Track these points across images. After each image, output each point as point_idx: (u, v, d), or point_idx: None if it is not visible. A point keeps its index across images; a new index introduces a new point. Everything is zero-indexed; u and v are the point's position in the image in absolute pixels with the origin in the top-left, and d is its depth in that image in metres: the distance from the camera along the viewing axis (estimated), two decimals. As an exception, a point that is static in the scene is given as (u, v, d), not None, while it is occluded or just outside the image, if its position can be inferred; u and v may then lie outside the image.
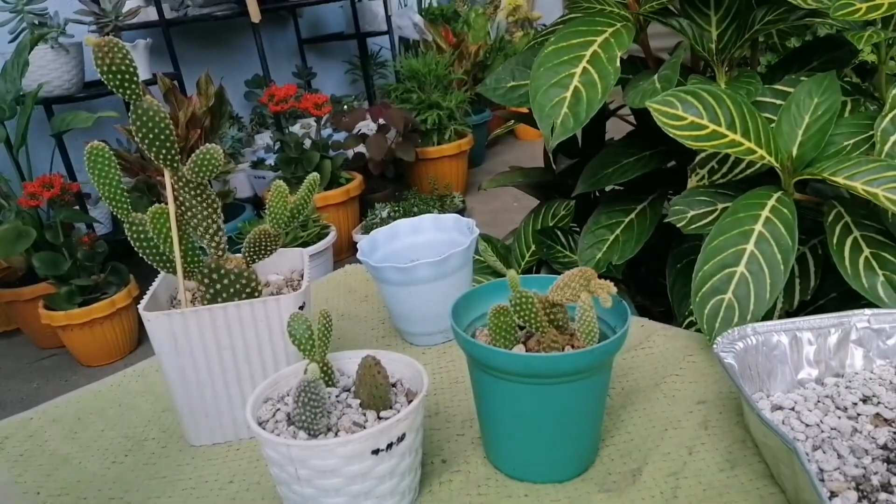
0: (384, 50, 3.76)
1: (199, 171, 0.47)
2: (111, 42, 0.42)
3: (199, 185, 0.47)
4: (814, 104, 0.76)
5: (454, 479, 0.57)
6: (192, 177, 0.47)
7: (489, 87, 1.00)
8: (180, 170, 0.47)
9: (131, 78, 0.43)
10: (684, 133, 0.73)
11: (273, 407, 0.53)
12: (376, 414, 0.51)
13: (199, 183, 0.47)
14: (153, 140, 0.45)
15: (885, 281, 0.67)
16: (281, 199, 0.53)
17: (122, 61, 0.42)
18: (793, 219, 0.70)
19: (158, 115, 0.45)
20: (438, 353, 0.77)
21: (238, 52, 3.28)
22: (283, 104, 2.42)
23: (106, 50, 0.42)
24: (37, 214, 1.96)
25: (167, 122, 0.45)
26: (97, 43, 0.42)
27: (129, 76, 0.43)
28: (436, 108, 3.16)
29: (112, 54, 0.42)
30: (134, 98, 0.44)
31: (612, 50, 0.81)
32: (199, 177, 0.47)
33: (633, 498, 0.52)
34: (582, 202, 1.10)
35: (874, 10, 0.70)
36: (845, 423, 0.53)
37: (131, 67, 0.43)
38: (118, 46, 0.42)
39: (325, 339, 0.54)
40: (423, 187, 3.17)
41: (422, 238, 0.84)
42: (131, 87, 0.43)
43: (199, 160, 0.47)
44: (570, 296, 0.53)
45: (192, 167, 0.47)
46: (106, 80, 0.43)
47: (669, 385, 0.66)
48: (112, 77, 0.42)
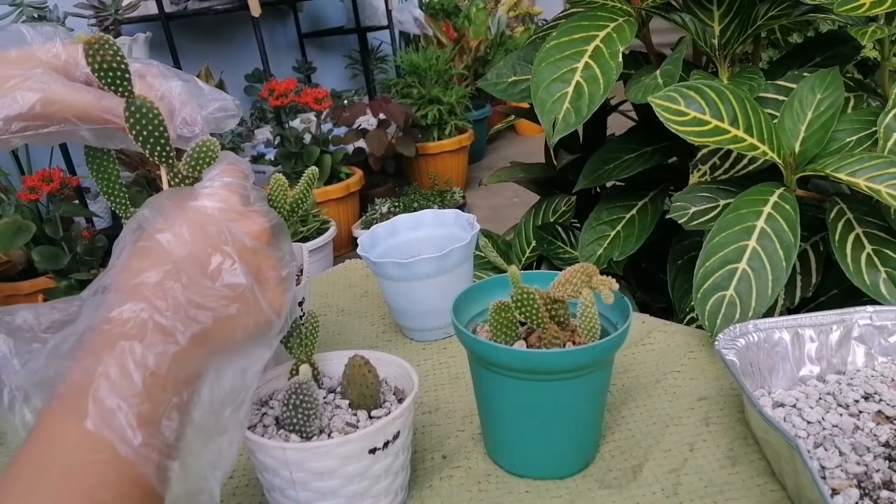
0: (385, 45, 3.75)
1: (195, 166, 0.46)
2: (101, 39, 0.41)
3: (196, 179, 0.46)
4: (816, 100, 0.76)
5: (455, 475, 0.57)
6: (188, 172, 0.46)
7: (490, 83, 0.99)
8: (176, 166, 0.46)
9: (123, 75, 0.43)
10: (686, 129, 0.72)
11: (258, 410, 0.52)
12: (367, 414, 0.51)
13: (196, 178, 0.46)
14: (147, 137, 0.44)
15: (888, 278, 0.67)
16: (281, 193, 0.52)
17: (114, 58, 0.42)
18: (795, 215, 0.69)
19: (152, 111, 0.44)
20: (439, 348, 0.77)
21: (238, 46, 3.27)
22: (284, 99, 2.41)
23: (97, 47, 0.41)
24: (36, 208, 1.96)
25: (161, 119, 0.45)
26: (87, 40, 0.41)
27: (120, 73, 0.42)
28: (436, 104, 3.16)
29: (103, 52, 0.41)
30: (126, 95, 0.43)
31: (615, 45, 0.81)
32: (195, 171, 0.46)
33: (633, 494, 0.52)
34: (583, 198, 1.10)
35: (878, 6, 0.69)
36: (847, 420, 0.53)
37: (122, 64, 0.43)
38: (108, 43, 0.42)
39: (313, 340, 0.54)
40: (423, 183, 3.16)
41: (422, 233, 0.84)
42: (123, 84, 0.43)
43: (196, 154, 0.46)
44: (572, 292, 0.52)
45: (188, 161, 0.46)
46: (98, 77, 0.42)
47: (670, 381, 0.66)
48: (104, 75, 0.42)
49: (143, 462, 0.32)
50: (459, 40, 3.57)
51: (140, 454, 0.32)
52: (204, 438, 0.38)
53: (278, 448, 0.46)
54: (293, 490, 0.48)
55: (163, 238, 0.38)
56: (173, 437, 0.34)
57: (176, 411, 0.35)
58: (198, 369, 0.37)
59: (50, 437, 0.32)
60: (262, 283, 0.41)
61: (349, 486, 0.48)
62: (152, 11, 2.51)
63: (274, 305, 0.42)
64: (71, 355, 0.34)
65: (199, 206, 0.41)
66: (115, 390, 0.33)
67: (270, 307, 0.41)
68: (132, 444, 0.32)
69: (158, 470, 0.33)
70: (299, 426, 0.48)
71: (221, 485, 0.39)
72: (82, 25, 2.36)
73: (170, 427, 0.34)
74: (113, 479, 0.31)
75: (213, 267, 0.39)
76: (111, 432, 0.32)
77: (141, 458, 0.32)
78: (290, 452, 0.46)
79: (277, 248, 0.43)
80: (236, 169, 0.44)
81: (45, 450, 0.31)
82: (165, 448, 0.34)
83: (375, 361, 0.53)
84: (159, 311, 0.36)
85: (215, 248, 0.39)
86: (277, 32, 3.51)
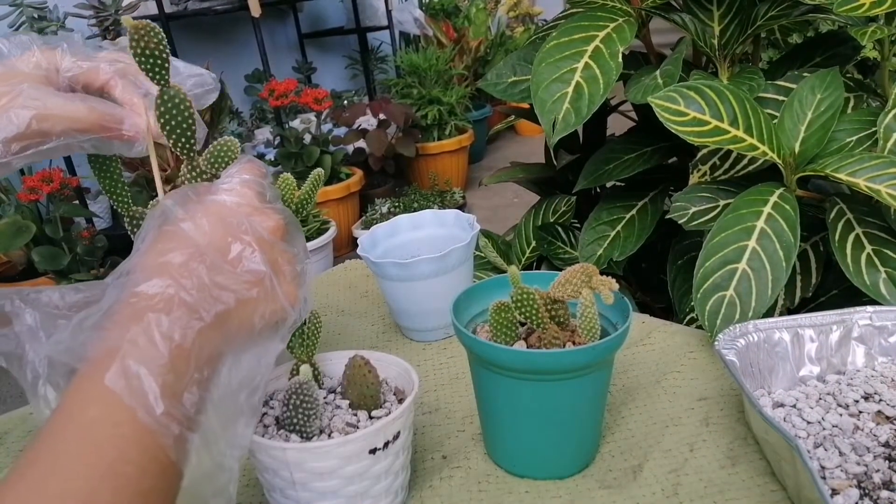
0: (384, 45, 3.75)
1: (214, 163, 0.47)
2: (148, 26, 0.42)
3: (213, 176, 0.47)
4: (816, 100, 0.76)
5: (455, 475, 0.57)
6: (206, 168, 0.47)
7: (490, 83, 0.99)
8: (196, 160, 0.47)
9: (163, 64, 0.43)
10: (686, 129, 0.72)
11: None
12: (367, 414, 0.51)
13: (214, 175, 0.47)
14: (174, 128, 0.45)
15: (887, 278, 0.67)
16: (289, 192, 0.52)
17: (157, 46, 0.43)
18: (795, 215, 0.70)
19: (184, 103, 0.45)
20: (439, 349, 0.77)
21: (238, 46, 3.27)
22: (284, 99, 2.41)
23: (143, 33, 0.42)
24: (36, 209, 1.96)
25: (191, 112, 0.45)
26: (135, 25, 0.42)
27: (161, 61, 0.43)
28: (436, 104, 3.16)
29: (147, 38, 0.42)
30: (162, 84, 0.44)
31: (614, 45, 0.81)
32: (214, 168, 0.47)
33: (633, 494, 0.52)
34: (583, 198, 1.10)
35: (878, 6, 0.69)
36: (847, 420, 0.53)
37: (164, 53, 0.43)
38: (155, 31, 0.42)
39: (314, 340, 0.54)
40: (423, 183, 3.16)
41: (422, 234, 0.84)
42: (161, 72, 0.43)
43: (217, 152, 0.47)
44: (572, 292, 0.53)
45: (208, 158, 0.47)
46: (138, 62, 0.43)
47: (670, 382, 0.66)
48: (144, 60, 0.43)
49: (163, 432, 0.33)
50: (459, 40, 3.57)
51: (161, 423, 0.33)
52: (223, 418, 0.39)
53: (278, 448, 0.46)
54: (293, 490, 0.48)
55: (185, 226, 0.39)
56: (194, 410, 0.35)
57: (197, 387, 0.35)
58: (219, 349, 0.38)
59: (73, 410, 0.32)
60: (279, 276, 0.42)
61: (349, 487, 0.48)
62: (152, 11, 2.52)
63: (289, 298, 0.43)
64: (98, 326, 0.35)
65: (218, 199, 0.42)
66: (141, 358, 0.33)
67: (286, 299, 0.42)
68: (154, 414, 0.33)
69: (178, 442, 0.33)
70: (299, 426, 0.48)
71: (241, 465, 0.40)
72: (82, 26, 2.36)
73: (191, 400, 0.35)
74: (134, 454, 0.32)
75: (233, 254, 0.40)
76: (134, 398, 0.32)
77: (162, 428, 0.33)
78: (291, 452, 0.46)
79: (292, 245, 0.45)
80: (255, 167, 0.45)
81: (68, 423, 0.32)
82: (186, 420, 0.34)
83: (376, 362, 0.53)
84: (185, 288, 0.37)
85: (235, 237, 0.40)
86: (277, 32, 3.51)
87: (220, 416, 0.39)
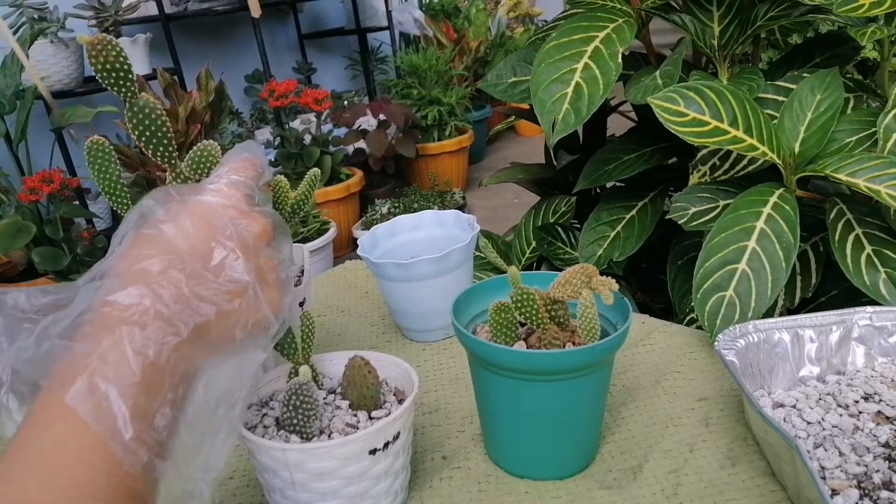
0: (385, 45, 3.75)
1: (196, 168, 0.47)
2: (104, 40, 0.42)
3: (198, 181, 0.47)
4: (816, 101, 0.76)
5: (455, 476, 0.57)
6: (189, 174, 0.47)
7: (490, 83, 0.99)
8: (178, 166, 0.47)
9: (126, 76, 0.43)
10: (686, 129, 0.72)
11: (258, 411, 0.52)
12: (367, 414, 0.51)
13: (198, 180, 0.47)
14: (150, 137, 0.45)
15: (887, 278, 0.67)
16: (282, 194, 0.52)
17: (117, 59, 0.42)
18: (794, 216, 0.70)
19: (155, 112, 0.44)
20: (438, 349, 0.77)
21: (238, 47, 3.27)
22: (284, 99, 2.41)
23: (100, 48, 0.41)
24: (36, 209, 1.96)
25: (164, 119, 0.45)
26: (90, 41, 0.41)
27: (123, 73, 0.43)
28: (436, 104, 3.16)
29: (106, 52, 0.42)
30: (129, 96, 0.43)
31: (614, 46, 0.81)
32: (196, 174, 0.47)
33: (633, 495, 0.52)
34: (583, 198, 1.10)
35: (877, 6, 0.69)
36: (847, 420, 0.53)
37: (125, 65, 0.43)
38: (112, 44, 0.42)
39: (309, 342, 0.54)
40: (423, 183, 3.16)
41: (422, 234, 0.84)
42: (126, 84, 0.43)
43: (197, 157, 0.47)
44: (572, 292, 0.53)
45: (189, 164, 0.47)
46: (101, 78, 0.42)
47: (670, 382, 0.66)
48: (107, 75, 0.42)
49: (131, 460, 0.31)
50: (459, 41, 3.57)
51: (129, 450, 0.31)
52: (197, 438, 0.37)
53: (278, 449, 0.46)
54: (293, 491, 0.48)
55: (166, 228, 0.37)
56: (165, 434, 0.33)
57: (170, 407, 0.34)
58: (195, 364, 0.36)
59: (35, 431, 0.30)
60: (263, 283, 0.40)
61: (349, 487, 0.48)
62: (152, 12, 2.52)
63: (273, 305, 0.41)
64: (66, 335, 0.33)
65: (203, 200, 0.40)
66: (111, 376, 0.32)
67: (269, 307, 0.41)
68: (122, 439, 0.31)
69: (146, 470, 0.32)
70: (299, 427, 0.48)
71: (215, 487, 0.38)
72: (82, 26, 2.36)
73: (163, 422, 0.33)
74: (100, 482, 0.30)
75: (215, 261, 0.38)
76: (101, 422, 0.30)
77: (130, 455, 0.31)
78: (291, 453, 0.46)
79: (278, 251, 0.43)
80: (247, 166, 0.43)
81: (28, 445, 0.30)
82: (157, 446, 0.32)
83: (375, 362, 0.53)
84: (162, 299, 0.35)
85: (218, 241, 0.38)
86: (278, 33, 3.51)
87: (193, 435, 0.37)
